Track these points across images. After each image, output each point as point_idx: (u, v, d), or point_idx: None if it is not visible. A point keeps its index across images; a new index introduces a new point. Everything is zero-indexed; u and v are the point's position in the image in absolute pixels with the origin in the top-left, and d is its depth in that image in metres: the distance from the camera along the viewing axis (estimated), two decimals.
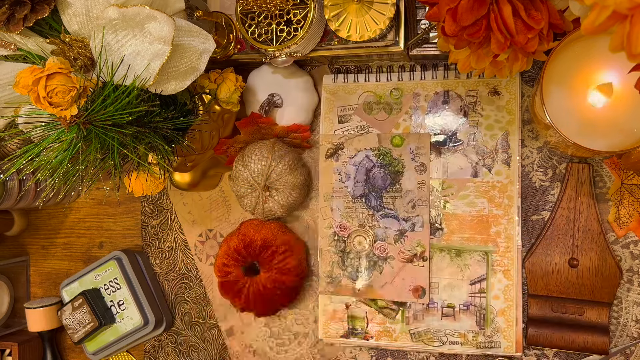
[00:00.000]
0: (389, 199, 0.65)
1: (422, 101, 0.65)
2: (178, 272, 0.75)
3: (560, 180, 0.61)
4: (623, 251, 0.60)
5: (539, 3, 0.43)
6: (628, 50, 0.32)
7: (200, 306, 0.74)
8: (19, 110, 0.50)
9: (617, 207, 0.60)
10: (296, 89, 0.66)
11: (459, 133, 0.63)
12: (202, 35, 0.50)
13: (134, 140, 0.48)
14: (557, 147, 0.56)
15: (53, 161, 0.46)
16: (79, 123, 0.44)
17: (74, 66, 0.46)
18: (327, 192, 0.67)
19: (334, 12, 0.57)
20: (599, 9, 0.32)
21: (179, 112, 0.54)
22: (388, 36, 0.58)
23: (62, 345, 0.81)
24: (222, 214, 0.73)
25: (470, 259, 0.63)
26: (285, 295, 0.65)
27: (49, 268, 0.81)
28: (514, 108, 0.62)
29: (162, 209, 0.75)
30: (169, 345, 0.75)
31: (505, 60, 0.46)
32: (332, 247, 0.67)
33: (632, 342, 0.60)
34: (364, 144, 0.66)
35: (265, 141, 0.65)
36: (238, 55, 0.64)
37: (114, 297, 0.71)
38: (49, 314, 0.75)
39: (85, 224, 0.79)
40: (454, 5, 0.42)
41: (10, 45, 0.47)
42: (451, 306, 0.63)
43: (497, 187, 0.62)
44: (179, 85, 0.50)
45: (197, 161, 0.67)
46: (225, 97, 0.61)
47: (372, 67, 0.67)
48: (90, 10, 0.46)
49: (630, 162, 0.55)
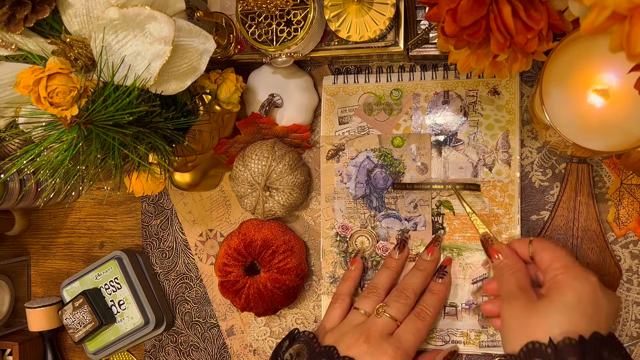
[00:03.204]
0: (390, 199, 0.65)
1: (422, 101, 0.65)
2: (178, 272, 0.75)
3: (559, 180, 0.62)
4: (622, 251, 0.60)
5: (538, 3, 0.43)
6: (627, 51, 0.32)
7: (201, 306, 0.74)
8: (19, 110, 0.50)
9: (617, 207, 0.60)
10: (296, 89, 0.66)
11: (459, 133, 0.63)
12: (203, 36, 0.50)
13: (134, 140, 0.48)
14: (556, 147, 0.56)
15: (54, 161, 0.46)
16: (80, 123, 0.44)
17: (74, 66, 0.46)
18: (329, 193, 0.67)
19: (334, 12, 0.57)
20: (599, 9, 0.32)
21: (180, 112, 0.55)
22: (388, 37, 0.58)
23: (63, 345, 0.81)
24: (223, 214, 0.73)
25: (472, 258, 0.63)
26: (285, 295, 0.65)
27: (49, 268, 0.81)
28: (514, 107, 0.62)
29: (162, 209, 0.75)
30: (169, 344, 0.75)
31: (504, 60, 0.46)
32: (334, 247, 0.67)
33: (632, 341, 0.60)
34: (364, 145, 0.66)
35: (266, 141, 0.65)
36: (238, 55, 0.64)
37: (115, 296, 0.71)
38: (49, 313, 0.75)
39: (85, 224, 0.80)
40: (453, 6, 0.42)
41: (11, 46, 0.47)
42: (453, 305, 0.63)
43: (498, 186, 0.62)
44: (179, 85, 0.50)
45: (197, 161, 0.67)
46: (226, 97, 0.61)
47: (372, 67, 0.67)
48: (91, 11, 0.46)
49: (630, 162, 0.55)
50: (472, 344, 0.62)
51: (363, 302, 0.60)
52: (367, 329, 0.56)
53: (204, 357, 0.74)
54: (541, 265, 0.54)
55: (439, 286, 0.60)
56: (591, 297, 0.49)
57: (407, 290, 0.59)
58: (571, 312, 0.49)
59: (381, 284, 0.60)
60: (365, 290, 0.61)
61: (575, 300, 0.49)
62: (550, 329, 0.48)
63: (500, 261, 0.56)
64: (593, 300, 0.49)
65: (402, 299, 0.58)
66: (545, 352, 0.47)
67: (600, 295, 0.50)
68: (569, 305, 0.49)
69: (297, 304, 0.70)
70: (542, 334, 0.49)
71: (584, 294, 0.49)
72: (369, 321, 0.57)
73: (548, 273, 0.53)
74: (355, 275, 0.63)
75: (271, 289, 0.65)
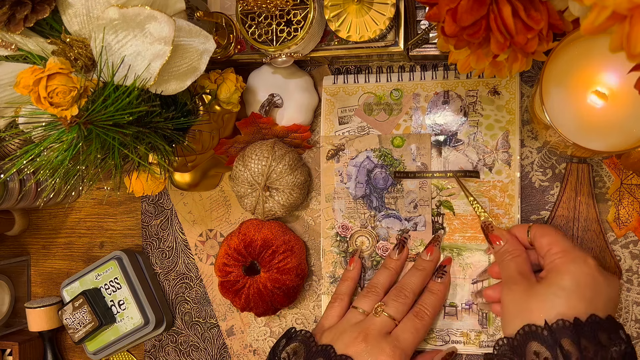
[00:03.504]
0: (390, 199, 0.65)
1: (422, 101, 0.65)
2: (178, 272, 0.75)
3: (559, 180, 0.62)
4: (622, 251, 0.60)
5: (538, 3, 0.43)
6: (628, 51, 0.32)
7: (201, 306, 0.74)
8: (19, 110, 0.50)
9: (617, 207, 0.60)
10: (296, 89, 0.66)
11: (459, 133, 0.63)
12: (203, 36, 0.50)
13: (134, 140, 0.48)
14: (556, 147, 0.56)
15: (54, 161, 0.46)
16: (80, 123, 0.44)
17: (74, 66, 0.46)
18: (329, 193, 0.67)
19: (334, 12, 0.57)
20: (599, 9, 0.32)
21: (180, 112, 0.55)
22: (388, 36, 0.58)
23: (63, 345, 0.81)
24: (223, 214, 0.73)
25: (472, 257, 0.63)
26: (285, 295, 0.65)
27: (49, 268, 0.81)
28: (514, 107, 0.62)
29: (162, 209, 0.75)
30: (169, 345, 0.75)
31: (504, 60, 0.46)
32: (334, 247, 0.67)
33: (632, 342, 0.60)
34: (364, 145, 0.66)
35: (266, 141, 0.65)
36: (238, 55, 0.64)
37: (115, 296, 0.71)
38: (49, 313, 0.75)
39: (85, 224, 0.79)
40: (453, 6, 0.42)
41: (10, 46, 0.47)
42: (453, 305, 0.63)
43: (498, 186, 0.62)
44: (179, 85, 0.50)
45: (197, 161, 0.67)
46: (226, 97, 0.61)
47: (372, 67, 0.67)
48: (91, 11, 0.46)
49: (630, 162, 0.55)
50: (472, 344, 0.62)
51: (362, 301, 0.60)
52: (366, 328, 0.56)
53: (204, 357, 0.74)
54: (540, 251, 0.54)
55: (438, 286, 0.60)
56: (589, 281, 0.50)
57: (405, 290, 0.59)
58: (569, 296, 0.49)
59: (380, 284, 0.61)
60: (364, 290, 0.61)
61: (574, 284, 0.49)
62: (547, 312, 0.49)
63: (500, 247, 0.57)
64: (591, 283, 0.49)
65: (401, 298, 0.58)
66: (542, 334, 0.48)
67: (600, 279, 0.50)
68: (567, 289, 0.49)
69: (297, 304, 0.70)
70: (538, 317, 0.49)
71: (582, 277, 0.50)
72: (368, 320, 0.57)
73: (547, 258, 0.53)
74: (354, 275, 0.64)
75: (271, 289, 0.65)
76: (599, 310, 0.49)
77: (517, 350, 0.49)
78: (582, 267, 0.50)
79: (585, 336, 0.46)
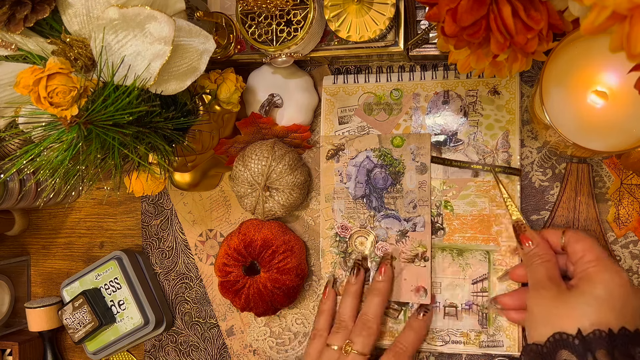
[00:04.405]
0: (390, 199, 0.65)
1: (422, 101, 0.65)
2: (178, 272, 0.75)
3: (559, 180, 0.62)
4: (622, 251, 0.60)
5: (538, 3, 0.43)
6: (627, 51, 0.32)
7: (201, 306, 0.74)
8: (19, 110, 0.50)
9: (617, 207, 0.60)
10: (296, 89, 0.66)
11: (459, 133, 0.63)
12: (203, 36, 0.50)
13: (134, 140, 0.48)
14: (556, 147, 0.56)
15: (54, 161, 0.46)
16: (80, 123, 0.44)
17: (74, 66, 0.46)
18: (329, 193, 0.67)
19: (334, 12, 0.57)
20: (599, 9, 0.32)
21: (180, 112, 0.55)
22: (388, 36, 0.58)
23: (63, 345, 0.81)
24: (223, 214, 0.73)
25: (471, 258, 0.63)
26: (285, 295, 0.65)
27: (49, 268, 0.81)
28: (514, 107, 0.62)
29: (162, 209, 0.75)
30: (169, 345, 0.75)
31: (504, 60, 0.46)
32: (333, 247, 0.67)
33: None
34: (364, 145, 0.66)
35: (266, 141, 0.65)
36: (238, 55, 0.64)
37: (115, 296, 0.71)
38: (49, 313, 0.75)
39: (85, 224, 0.79)
40: (453, 6, 0.42)
41: (10, 46, 0.47)
42: (453, 305, 0.63)
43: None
44: (179, 85, 0.50)
45: (197, 161, 0.67)
46: (226, 97, 0.61)
47: (372, 67, 0.67)
48: (91, 11, 0.46)
49: (630, 162, 0.55)
50: (472, 344, 0.62)
51: (333, 338, 0.62)
52: None
53: (203, 357, 0.74)
54: (573, 257, 0.54)
55: (420, 323, 0.62)
56: (622, 293, 0.49)
57: (368, 321, 0.61)
58: (601, 306, 0.48)
59: (347, 315, 0.63)
60: (334, 326, 0.63)
61: (606, 293, 0.49)
62: (579, 321, 0.48)
63: (530, 249, 0.56)
64: (624, 295, 0.49)
65: (365, 331, 0.60)
66: (572, 343, 0.47)
67: (631, 292, 0.49)
68: (600, 299, 0.48)
69: (297, 304, 0.70)
70: (569, 325, 0.48)
71: (615, 288, 0.49)
72: (341, 358, 0.60)
73: (580, 265, 0.52)
74: (329, 306, 0.65)
75: (271, 289, 0.65)
76: (628, 322, 0.48)
77: (547, 358, 0.48)
78: (615, 278, 0.49)
79: (618, 348, 0.46)
